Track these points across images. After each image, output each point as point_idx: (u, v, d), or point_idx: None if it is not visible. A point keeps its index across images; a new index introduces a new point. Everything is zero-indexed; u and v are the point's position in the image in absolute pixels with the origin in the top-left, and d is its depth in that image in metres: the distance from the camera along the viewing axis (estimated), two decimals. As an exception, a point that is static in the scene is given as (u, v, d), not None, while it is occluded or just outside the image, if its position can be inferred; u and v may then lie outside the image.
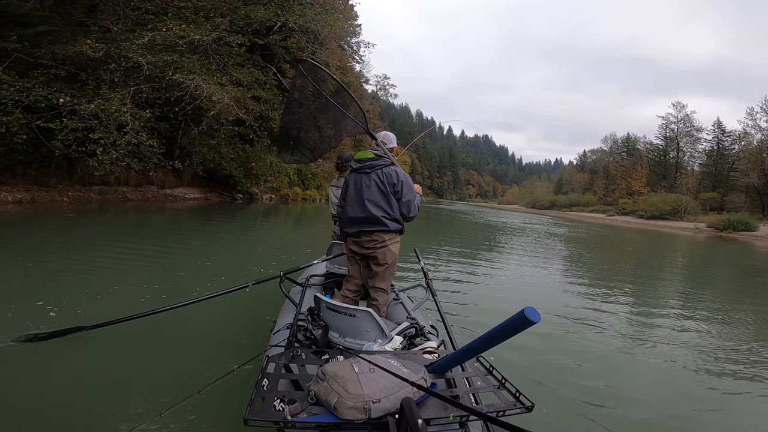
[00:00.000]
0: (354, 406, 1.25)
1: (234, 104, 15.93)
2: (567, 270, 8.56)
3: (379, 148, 2.57)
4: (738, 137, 47.05)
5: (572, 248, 13.63)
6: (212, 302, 2.45)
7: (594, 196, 60.88)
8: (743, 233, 28.25)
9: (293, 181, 25.44)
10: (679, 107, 53.95)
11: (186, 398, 1.68)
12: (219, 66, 16.77)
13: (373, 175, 2.48)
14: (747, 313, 5.58)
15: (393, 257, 2.57)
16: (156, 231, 9.23)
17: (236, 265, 6.02)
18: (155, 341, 3.00)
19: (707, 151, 51.98)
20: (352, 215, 2.54)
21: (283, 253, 7.34)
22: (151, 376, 2.50)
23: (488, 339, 1.39)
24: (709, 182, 48.30)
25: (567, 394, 2.76)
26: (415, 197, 2.53)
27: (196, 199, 17.95)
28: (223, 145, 17.89)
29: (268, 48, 21.32)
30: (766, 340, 4.45)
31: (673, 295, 6.63)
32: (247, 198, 20.97)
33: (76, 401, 2.19)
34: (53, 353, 2.57)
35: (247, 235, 10.28)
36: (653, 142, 57.45)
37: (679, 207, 40.49)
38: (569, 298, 5.69)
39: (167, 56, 13.66)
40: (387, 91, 52.57)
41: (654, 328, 4.56)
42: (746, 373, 3.42)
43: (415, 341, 2.05)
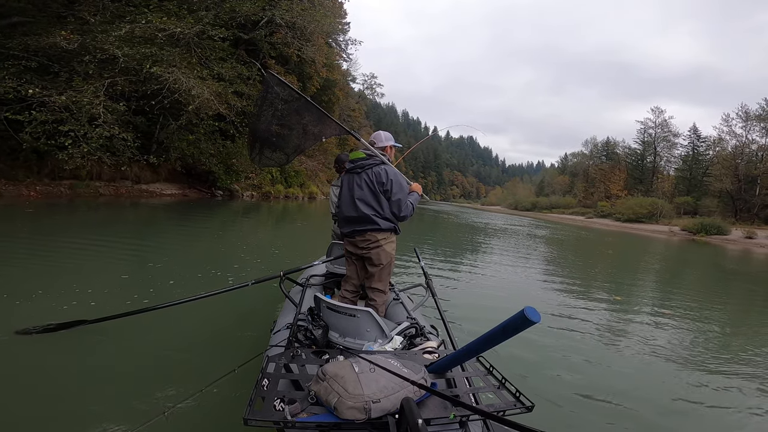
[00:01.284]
0: (354, 406, 1.25)
1: (215, 99, 15.53)
2: (558, 272, 8.69)
3: (375, 147, 2.59)
4: (713, 143, 48.61)
5: (560, 251, 13.86)
6: (212, 302, 2.46)
7: (574, 198, 62.07)
8: (716, 237, 29.19)
9: (276, 179, 25.04)
10: (658, 112, 55.42)
11: (186, 398, 1.69)
12: (200, 60, 16.34)
13: (364, 175, 2.50)
14: (726, 313, 5.83)
15: (388, 258, 2.55)
16: (120, 228, 8.71)
17: (204, 267, 5.47)
18: (155, 341, 2.99)
19: (683, 156, 53.57)
20: (345, 215, 2.57)
21: (265, 255, 7.01)
22: (150, 376, 2.52)
23: (488, 339, 1.40)
24: (683, 186, 49.82)
25: (567, 393, 2.77)
26: (406, 196, 2.51)
27: (173, 195, 17.44)
28: (203, 141, 17.47)
29: (253, 43, 20.93)
30: (740, 336, 4.72)
31: (657, 297, 6.76)
32: (228, 195, 20.52)
33: (76, 400, 2.20)
34: (52, 348, 2.54)
35: (227, 233, 9.84)
36: (632, 147, 58.92)
37: (654, 210, 41.57)
38: (564, 299, 5.77)
39: (145, 49, 13.23)
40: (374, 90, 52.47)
41: (642, 327, 4.67)
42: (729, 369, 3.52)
43: (415, 341, 2.06)
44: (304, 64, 24.92)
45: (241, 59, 19.81)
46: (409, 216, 2.53)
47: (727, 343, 4.33)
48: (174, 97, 14.18)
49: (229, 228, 10.82)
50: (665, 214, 40.75)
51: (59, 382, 2.33)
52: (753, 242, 26.80)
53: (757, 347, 4.25)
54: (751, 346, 4.27)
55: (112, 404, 2.17)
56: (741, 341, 4.48)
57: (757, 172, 40.38)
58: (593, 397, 2.76)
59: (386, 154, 2.65)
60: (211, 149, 18.24)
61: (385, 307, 2.68)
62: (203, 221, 11.36)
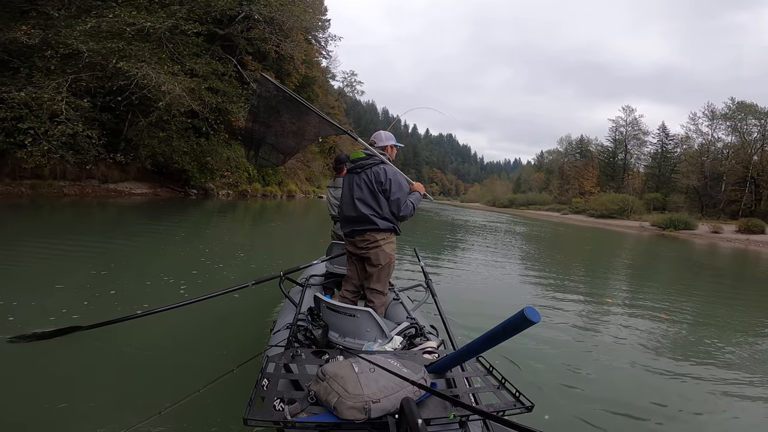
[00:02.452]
0: (354, 405, 1.24)
1: (187, 95, 15.06)
2: (549, 270, 8.83)
3: (375, 147, 2.58)
4: (680, 141, 50.56)
5: (545, 248, 14.13)
6: (212, 302, 2.46)
7: (550, 195, 63.43)
8: (683, 231, 30.34)
9: (253, 177, 24.51)
10: (629, 111, 57.15)
11: (185, 397, 1.64)
12: (173, 55, 15.80)
13: (363, 175, 2.50)
14: (717, 308, 6.11)
15: (387, 258, 2.54)
16: (86, 229, 8.28)
17: (156, 275, 4.88)
18: (154, 341, 2.98)
19: (652, 153, 55.50)
20: (345, 215, 2.57)
21: (228, 259, 6.35)
22: (150, 376, 2.52)
23: (488, 339, 1.39)
24: (653, 183, 51.63)
25: (567, 393, 2.79)
26: (405, 195, 2.49)
27: (143, 195, 16.82)
28: (175, 138, 16.91)
29: (229, 39, 20.39)
30: (711, 325, 4.94)
31: (643, 295, 6.77)
32: (202, 193, 19.97)
33: (75, 399, 2.19)
34: (50, 353, 2.53)
35: (192, 235, 9.18)
36: (604, 144, 60.62)
37: (625, 206, 42.90)
38: (558, 298, 5.84)
39: (112, 43, 12.70)
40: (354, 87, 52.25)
41: (640, 327, 4.69)
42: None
43: (415, 341, 2.06)
44: (283, 61, 24.47)
45: (216, 55, 19.30)
46: (409, 215, 2.52)
47: (726, 340, 4.42)
48: (143, 93, 13.67)
49: (198, 229, 10.20)
50: (636, 210, 42.12)
51: (55, 384, 2.31)
52: (719, 236, 27.99)
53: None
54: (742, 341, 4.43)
55: (110, 404, 2.18)
56: (732, 336, 4.61)
57: (722, 169, 42.23)
58: (593, 397, 2.78)
59: (386, 153, 2.62)
60: (184, 147, 17.69)
61: (385, 307, 2.68)
62: (169, 222, 10.67)
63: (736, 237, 26.85)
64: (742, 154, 41.35)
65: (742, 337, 4.63)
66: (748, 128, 42.10)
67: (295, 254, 7.75)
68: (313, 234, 12.06)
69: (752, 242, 24.70)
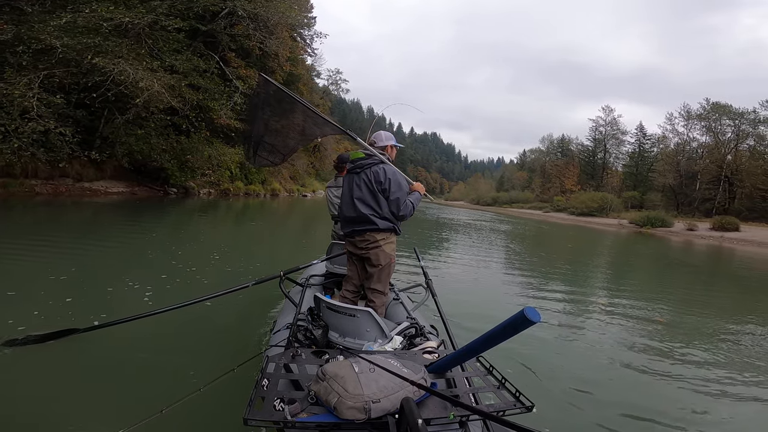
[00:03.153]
0: (354, 405, 1.24)
1: (166, 92, 14.67)
2: (541, 268, 8.97)
3: (375, 147, 2.59)
4: (657, 140, 52.01)
5: (534, 246, 14.36)
6: (211, 302, 2.44)
7: (532, 193, 64.41)
8: (660, 229, 31.19)
9: (235, 176, 24.07)
10: (608, 111, 58.41)
11: (186, 396, 1.63)
12: (152, 51, 15.38)
13: (363, 175, 2.50)
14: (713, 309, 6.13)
15: (387, 258, 2.54)
16: (59, 229, 7.90)
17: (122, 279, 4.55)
18: (154, 342, 2.97)
19: (630, 152, 56.89)
20: (345, 215, 2.58)
21: (202, 262, 5.91)
22: (150, 376, 2.52)
23: (488, 339, 1.39)
24: (630, 182, 52.93)
25: (567, 393, 2.79)
26: (405, 195, 2.49)
27: (120, 194, 16.31)
28: (153, 136, 16.46)
29: (212, 35, 19.92)
30: (708, 327, 4.99)
31: (641, 295, 6.77)
32: (182, 192, 19.49)
33: (75, 400, 2.20)
34: (49, 355, 2.50)
35: (165, 235, 8.77)
36: (584, 144, 61.83)
37: (605, 204, 43.88)
38: (554, 297, 5.88)
39: (88, 39, 12.29)
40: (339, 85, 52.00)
41: (636, 326, 4.73)
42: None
43: (415, 341, 2.06)
44: (267, 58, 24.07)
45: (198, 52, 18.88)
46: (408, 215, 2.52)
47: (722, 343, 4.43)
48: (119, 89, 13.24)
49: (173, 230, 9.70)
50: (614, 208, 43.11)
51: (55, 385, 2.30)
52: (694, 234, 28.86)
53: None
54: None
55: (110, 404, 2.18)
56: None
57: (697, 168, 43.59)
58: (593, 397, 2.78)
59: (386, 153, 2.63)
60: (163, 145, 17.23)
61: (385, 307, 2.68)
62: (143, 222, 10.13)
63: (710, 234, 27.74)
64: (716, 154, 42.75)
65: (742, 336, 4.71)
66: (722, 128, 43.58)
67: (277, 256, 7.54)
68: (297, 234, 11.88)
69: (726, 239, 25.56)
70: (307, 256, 3.77)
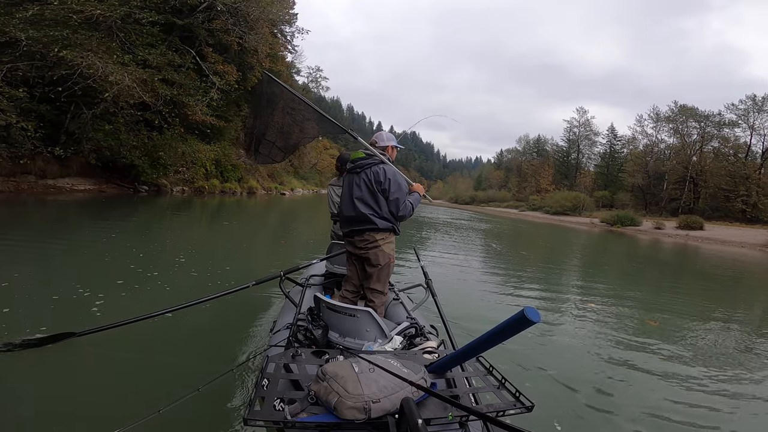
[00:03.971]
0: (354, 406, 1.24)
1: (137, 86, 14.13)
2: (530, 268, 9.09)
3: (375, 147, 2.63)
4: (627, 142, 53.86)
5: (514, 246, 14.45)
6: (212, 302, 2.42)
7: (508, 192, 65.60)
8: (630, 228, 32.32)
9: (210, 173, 23.44)
10: (582, 112, 60.13)
11: (185, 396, 1.61)
12: (124, 45, 14.78)
13: (363, 175, 2.51)
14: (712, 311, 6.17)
15: (387, 259, 2.55)
16: (21, 227, 7.40)
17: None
18: (153, 342, 2.96)
19: (601, 153, 58.76)
20: (345, 215, 2.59)
21: (165, 266, 5.46)
22: (150, 377, 2.51)
23: (488, 339, 1.40)
24: (602, 181, 54.66)
25: (567, 393, 2.80)
26: (404, 195, 2.50)
27: (87, 191, 15.59)
28: (123, 131, 15.82)
29: (189, 29, 19.28)
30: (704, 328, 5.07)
31: (631, 293, 6.91)
32: (154, 190, 18.83)
33: (73, 400, 2.20)
34: (46, 357, 2.45)
35: (139, 234, 8.25)
36: (559, 144, 63.47)
37: (578, 204, 45.12)
38: (549, 296, 5.94)
39: (55, 31, 11.71)
40: (319, 83, 51.33)
41: (634, 325, 4.80)
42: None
43: (415, 341, 2.07)
44: (246, 54, 23.47)
45: (173, 46, 18.25)
46: (407, 215, 2.53)
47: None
48: (87, 83, 12.65)
49: (139, 229, 8.90)
50: (587, 207, 44.40)
51: (54, 387, 2.30)
52: (661, 232, 30.04)
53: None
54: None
55: (109, 404, 2.18)
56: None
57: (664, 168, 45.36)
58: (594, 396, 2.79)
59: (386, 153, 2.64)
60: (134, 141, 16.59)
61: (385, 307, 2.69)
62: (107, 222, 9.35)
63: (676, 233, 28.93)
64: (682, 155, 44.60)
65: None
66: (688, 130, 45.48)
67: (251, 259, 7.13)
68: (273, 235, 11.49)
69: (691, 237, 26.71)
70: (285, 261, 3.70)
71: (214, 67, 20.43)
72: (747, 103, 41.93)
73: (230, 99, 23.90)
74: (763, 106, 41.05)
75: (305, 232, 12.25)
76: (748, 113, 42.02)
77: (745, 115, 42.21)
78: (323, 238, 10.18)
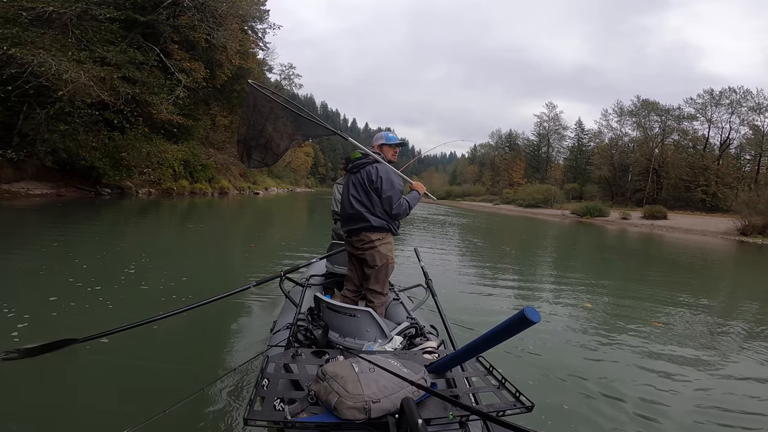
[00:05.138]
0: (354, 406, 1.24)
1: (95, 85, 13.43)
2: (519, 265, 9.14)
3: (371, 146, 2.69)
4: (593, 135, 55.70)
5: (491, 240, 14.47)
6: (211, 303, 2.45)
7: (482, 186, 66.63)
8: (598, 218, 33.44)
9: (179, 174, 22.61)
10: (551, 107, 61.61)
11: (187, 397, 1.60)
12: (80, 42, 14.01)
13: (359, 174, 2.56)
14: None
15: (384, 259, 2.55)
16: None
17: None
18: (155, 344, 2.97)
19: (570, 147, 60.57)
20: (343, 214, 2.66)
21: (110, 280, 4.73)
22: (150, 377, 2.53)
23: (488, 339, 1.40)
24: (571, 174, 56.36)
25: (567, 393, 2.80)
26: (397, 194, 2.52)
27: (44, 196, 14.69)
28: (81, 132, 15.01)
29: (152, 26, 18.42)
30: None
31: (628, 290, 6.83)
32: (118, 193, 17.98)
33: (78, 401, 2.23)
34: (50, 361, 2.34)
35: (86, 242, 7.28)
36: (530, 138, 64.88)
37: (549, 196, 46.30)
38: (547, 296, 5.90)
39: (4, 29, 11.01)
40: (292, 80, 50.50)
41: (632, 326, 4.67)
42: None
43: (415, 341, 2.07)
44: (214, 50, 22.70)
45: (135, 43, 17.41)
46: (402, 214, 2.55)
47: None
48: (39, 81, 11.92)
49: (89, 236, 7.94)
50: (558, 200, 45.61)
51: (57, 388, 2.31)
52: (627, 222, 31.23)
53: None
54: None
55: (113, 406, 2.19)
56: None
57: (629, 161, 47.16)
58: (594, 396, 2.77)
59: (380, 152, 2.66)
60: (93, 141, 15.79)
61: (385, 307, 2.71)
62: (57, 229, 8.41)
63: (642, 222, 30.13)
64: (645, 148, 46.48)
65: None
66: (650, 124, 47.45)
67: (215, 265, 6.50)
68: (243, 237, 10.92)
69: (656, 227, 27.87)
70: (252, 268, 3.60)
71: (180, 65, 19.67)
72: (705, 97, 44.10)
73: (198, 97, 23.14)
74: (720, 101, 43.27)
75: (279, 233, 11.82)
76: (705, 107, 44.20)
77: (703, 109, 44.39)
78: (301, 240, 9.99)
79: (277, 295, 3.07)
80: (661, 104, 46.47)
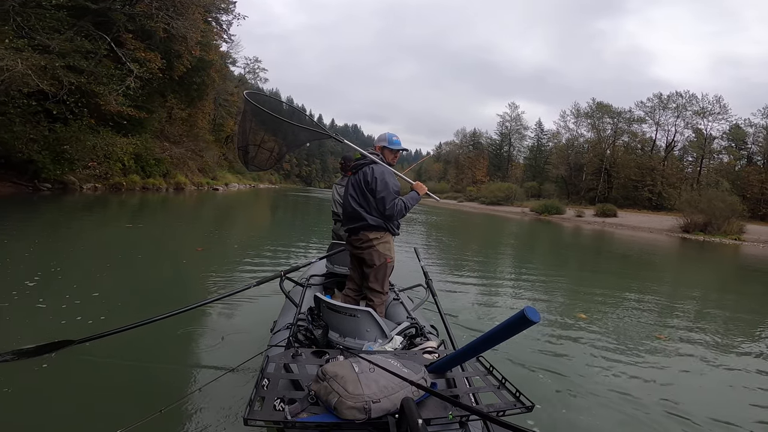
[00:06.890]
0: (354, 405, 1.24)
1: (34, 73, 12.41)
2: (502, 260, 9.00)
3: (370, 148, 2.76)
4: (552, 136, 58.05)
5: (462, 237, 14.56)
6: (211, 303, 2.41)
7: (447, 183, 67.81)
8: (555, 216, 34.91)
9: (129, 168, 21.27)
10: (513, 107, 63.68)
11: (186, 396, 1.61)
12: (21, 30, 12.87)
13: (357, 175, 2.63)
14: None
15: (382, 259, 2.57)
16: None
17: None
18: (154, 343, 2.96)
19: (530, 146, 62.86)
20: (344, 213, 2.73)
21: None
22: (150, 377, 2.53)
23: (488, 339, 1.40)
24: (530, 173, 58.51)
25: (567, 393, 2.79)
26: (391, 194, 2.53)
27: (-26, 193, 13.42)
28: (17, 123, 13.80)
29: (104, 14, 17.15)
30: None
31: (630, 290, 6.98)
32: (59, 188, 16.68)
33: (75, 401, 2.22)
34: (47, 361, 2.44)
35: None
36: (492, 137, 66.71)
37: (510, 194, 47.86)
38: (545, 296, 5.93)
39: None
40: (256, 74, 48.99)
41: (632, 324, 4.78)
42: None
43: (415, 341, 2.07)
44: (173, 41, 21.41)
45: (83, 31, 16.15)
46: (397, 215, 2.55)
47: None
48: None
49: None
50: (518, 197, 47.24)
51: (56, 388, 2.30)
52: (582, 220, 32.81)
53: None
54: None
55: (109, 405, 2.18)
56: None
57: (583, 161, 49.52)
58: (594, 396, 2.77)
59: (380, 153, 2.70)
60: (31, 133, 14.55)
61: (385, 307, 2.72)
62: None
63: (595, 220, 31.74)
64: (598, 148, 48.97)
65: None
66: (603, 126, 50.02)
67: (142, 276, 5.27)
68: (190, 238, 9.23)
69: (608, 224, 29.44)
70: (192, 281, 3.42)
71: (134, 54, 18.49)
72: (654, 101, 47.05)
73: (153, 88, 21.83)
74: (668, 105, 46.26)
75: (235, 233, 10.98)
76: (654, 110, 47.19)
77: (652, 112, 47.38)
78: (261, 242, 9.46)
79: (277, 295, 2.98)
80: (614, 107, 49.10)
